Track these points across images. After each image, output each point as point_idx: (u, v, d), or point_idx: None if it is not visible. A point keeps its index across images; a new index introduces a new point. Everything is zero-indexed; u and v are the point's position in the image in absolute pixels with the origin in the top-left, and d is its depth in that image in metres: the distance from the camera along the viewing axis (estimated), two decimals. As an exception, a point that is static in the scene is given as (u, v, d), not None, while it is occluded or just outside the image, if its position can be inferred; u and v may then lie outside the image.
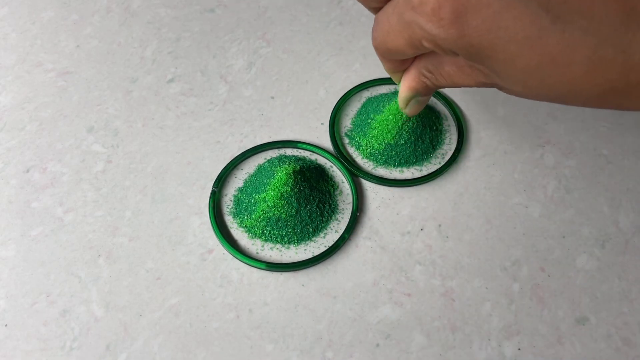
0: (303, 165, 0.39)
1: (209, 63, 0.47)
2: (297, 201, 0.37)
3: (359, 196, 0.39)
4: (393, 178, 0.40)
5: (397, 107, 0.41)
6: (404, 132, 0.40)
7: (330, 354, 0.33)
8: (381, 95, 0.44)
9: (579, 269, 0.36)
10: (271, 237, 0.37)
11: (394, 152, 0.40)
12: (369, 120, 0.41)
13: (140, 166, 0.41)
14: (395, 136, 0.40)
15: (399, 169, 0.41)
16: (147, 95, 0.45)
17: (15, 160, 0.41)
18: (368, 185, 0.40)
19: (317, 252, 0.37)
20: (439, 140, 0.42)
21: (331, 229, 0.38)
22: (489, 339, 0.34)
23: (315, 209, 0.37)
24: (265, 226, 0.37)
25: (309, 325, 0.34)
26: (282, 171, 0.37)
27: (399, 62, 0.32)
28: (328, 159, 0.41)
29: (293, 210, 0.37)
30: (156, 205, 0.39)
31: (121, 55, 0.48)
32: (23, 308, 0.35)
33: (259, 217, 0.37)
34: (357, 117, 0.43)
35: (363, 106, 0.44)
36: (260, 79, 0.46)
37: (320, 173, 0.40)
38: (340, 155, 0.41)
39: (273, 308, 0.35)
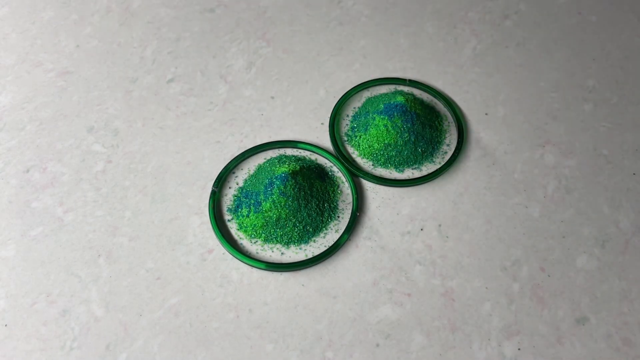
0: (303, 165, 0.39)
1: (209, 63, 0.47)
2: (297, 201, 0.37)
3: (359, 196, 0.39)
4: (393, 178, 0.40)
5: (397, 107, 0.41)
6: (404, 132, 0.40)
7: (330, 354, 0.33)
8: (381, 95, 0.44)
9: (579, 269, 0.36)
10: (271, 237, 0.37)
11: (393, 152, 0.40)
12: (369, 120, 0.41)
13: (140, 166, 0.41)
14: (395, 136, 0.40)
15: (399, 169, 0.41)
16: (147, 95, 0.45)
17: (15, 160, 0.41)
18: (368, 185, 0.40)
19: (317, 252, 0.37)
20: (439, 140, 0.42)
21: (331, 229, 0.38)
22: (489, 339, 0.34)
23: (315, 208, 0.37)
24: (265, 226, 0.37)
25: (309, 325, 0.34)
26: (282, 171, 0.37)
27: None
28: (328, 159, 0.41)
29: (293, 210, 0.37)
30: (156, 205, 0.39)
31: (121, 55, 0.48)
32: (23, 308, 0.35)
33: (259, 217, 0.37)
34: (357, 117, 0.43)
35: (363, 106, 0.44)
36: (260, 79, 0.46)
37: (320, 173, 0.40)
38: (340, 155, 0.41)
39: (273, 308, 0.35)
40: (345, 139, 0.42)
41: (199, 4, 0.51)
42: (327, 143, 0.42)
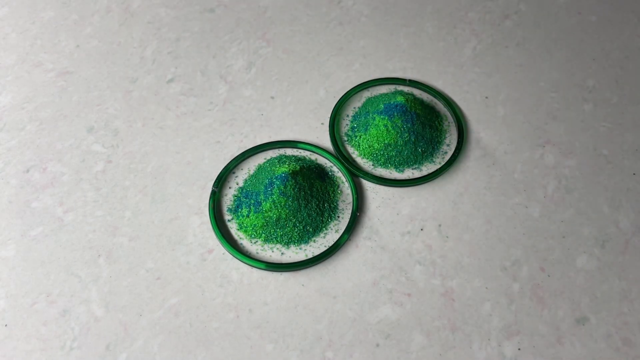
0: (303, 165, 0.39)
1: (209, 63, 0.47)
2: (297, 201, 0.37)
3: (359, 196, 0.39)
4: (393, 178, 0.40)
5: (397, 107, 0.41)
6: (404, 132, 0.40)
7: (330, 354, 0.33)
8: (381, 95, 0.44)
9: (579, 269, 0.36)
10: (271, 237, 0.37)
11: (393, 152, 0.40)
12: (369, 120, 0.41)
13: (140, 166, 0.41)
14: (395, 136, 0.40)
15: (399, 169, 0.41)
16: (147, 95, 0.45)
17: (15, 160, 0.41)
18: (368, 185, 0.40)
19: (317, 252, 0.37)
20: (439, 140, 0.42)
21: (331, 229, 0.38)
22: (489, 339, 0.34)
23: (315, 208, 0.37)
24: (265, 226, 0.37)
25: (309, 325, 0.34)
26: (282, 171, 0.37)
27: None
28: (328, 159, 0.41)
29: (293, 210, 0.37)
30: (156, 205, 0.39)
31: (121, 55, 0.48)
32: (23, 308, 0.35)
33: (259, 217, 0.37)
34: (357, 117, 0.43)
35: (363, 106, 0.44)
36: (260, 79, 0.46)
37: (320, 173, 0.40)
38: (340, 155, 0.41)
39: (273, 308, 0.35)
40: (345, 139, 0.42)
41: (199, 4, 0.51)
42: (327, 143, 0.42)
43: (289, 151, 0.42)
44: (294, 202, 0.37)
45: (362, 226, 0.38)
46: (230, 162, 0.40)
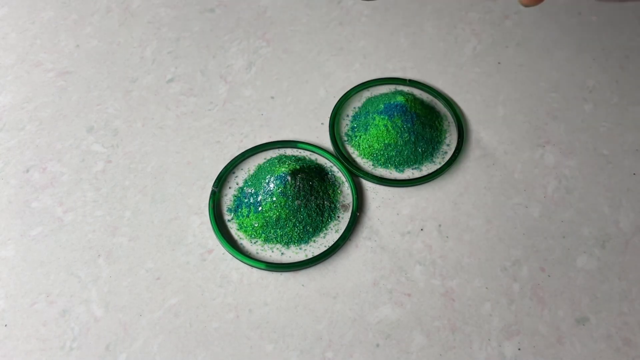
0: (303, 165, 0.39)
1: (209, 63, 0.47)
2: (297, 201, 0.37)
3: (359, 196, 0.39)
4: (393, 178, 0.40)
5: (397, 107, 0.41)
6: (404, 132, 0.40)
7: (330, 354, 0.33)
8: (381, 95, 0.44)
9: (579, 269, 0.36)
10: (271, 237, 0.37)
11: (393, 152, 0.40)
12: (369, 120, 0.41)
13: (140, 166, 0.41)
14: (395, 136, 0.40)
15: (399, 169, 0.41)
16: (147, 95, 0.45)
17: (14, 160, 0.41)
18: (368, 185, 0.40)
19: (317, 252, 0.37)
20: (439, 140, 0.42)
21: (331, 229, 0.38)
22: (489, 339, 0.34)
23: (315, 208, 0.37)
24: (265, 226, 0.37)
25: (309, 325, 0.34)
26: (282, 171, 0.37)
27: None
28: (328, 159, 0.41)
29: (293, 211, 0.37)
30: (156, 205, 0.39)
31: (121, 55, 0.48)
32: (23, 308, 0.35)
33: (259, 217, 0.37)
34: (357, 117, 0.43)
35: (363, 106, 0.44)
36: (260, 79, 0.46)
37: (320, 173, 0.40)
38: (340, 155, 0.41)
39: (273, 308, 0.35)
40: (345, 139, 0.42)
41: (199, 4, 0.51)
42: (327, 143, 0.42)
43: (289, 151, 0.42)
44: (293, 202, 0.37)
45: (362, 226, 0.38)
46: (230, 162, 0.40)
